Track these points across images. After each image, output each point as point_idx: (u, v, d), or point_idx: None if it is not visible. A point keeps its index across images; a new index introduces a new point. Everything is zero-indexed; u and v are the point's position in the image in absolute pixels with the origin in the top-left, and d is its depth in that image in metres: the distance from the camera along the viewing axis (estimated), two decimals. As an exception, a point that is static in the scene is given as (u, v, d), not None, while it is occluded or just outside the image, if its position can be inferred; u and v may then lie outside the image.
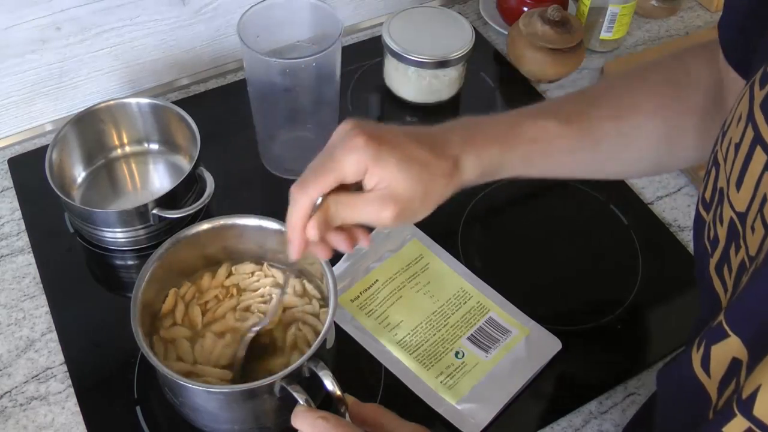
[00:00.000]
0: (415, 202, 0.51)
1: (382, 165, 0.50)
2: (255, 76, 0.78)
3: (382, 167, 0.50)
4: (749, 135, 0.41)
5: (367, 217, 0.52)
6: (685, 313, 0.75)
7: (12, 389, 0.69)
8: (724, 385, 0.39)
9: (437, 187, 0.52)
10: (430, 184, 0.52)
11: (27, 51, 0.84)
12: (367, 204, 0.51)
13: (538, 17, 0.94)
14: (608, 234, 0.82)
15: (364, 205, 0.51)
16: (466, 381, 0.69)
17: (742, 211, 0.41)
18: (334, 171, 0.50)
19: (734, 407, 0.35)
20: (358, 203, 0.51)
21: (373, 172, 0.50)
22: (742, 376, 0.37)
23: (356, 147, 0.50)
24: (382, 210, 0.51)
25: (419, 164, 0.51)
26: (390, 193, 0.51)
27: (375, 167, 0.50)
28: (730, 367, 0.38)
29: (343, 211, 0.51)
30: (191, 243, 0.66)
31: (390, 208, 0.51)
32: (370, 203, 0.51)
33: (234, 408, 0.61)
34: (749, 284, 0.38)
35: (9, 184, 0.85)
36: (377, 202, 0.51)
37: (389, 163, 0.50)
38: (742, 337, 0.38)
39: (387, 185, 0.51)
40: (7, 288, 0.76)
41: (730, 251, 0.42)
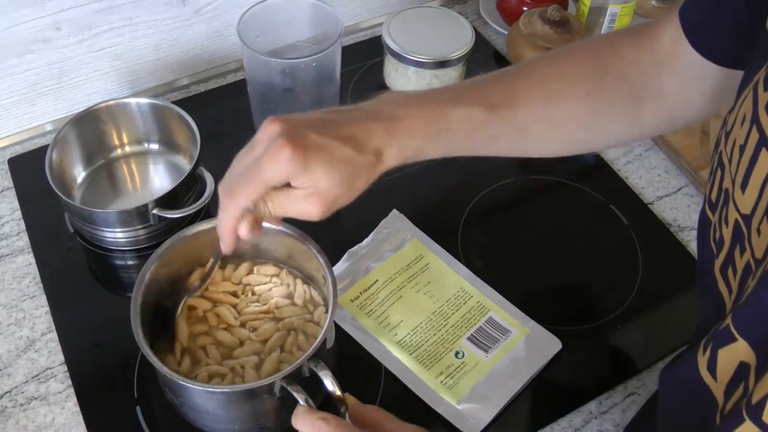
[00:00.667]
0: (342, 196, 0.54)
1: (309, 172, 0.52)
2: (255, 76, 0.78)
3: (309, 174, 0.52)
4: (754, 137, 0.41)
5: (297, 213, 0.54)
6: (685, 313, 0.75)
7: (12, 389, 0.69)
8: (731, 388, 0.39)
9: (361, 179, 0.54)
10: (355, 178, 0.54)
11: (27, 51, 0.84)
12: (296, 202, 0.53)
13: (538, 17, 0.94)
14: (608, 234, 0.82)
15: (291, 203, 0.53)
16: (466, 381, 0.69)
17: (747, 213, 0.41)
18: (261, 181, 0.52)
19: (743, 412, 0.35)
20: (286, 202, 0.53)
21: (300, 178, 0.52)
22: (750, 380, 0.37)
23: (284, 158, 0.51)
24: (310, 207, 0.53)
25: (345, 163, 0.53)
26: (317, 191, 0.53)
27: (302, 176, 0.52)
28: (738, 371, 0.38)
29: (273, 208, 0.54)
30: (191, 243, 0.66)
31: (318, 205, 0.53)
32: (299, 201, 0.53)
33: (234, 408, 0.61)
34: (757, 288, 0.38)
35: (9, 184, 0.85)
36: (306, 200, 0.53)
37: (316, 170, 0.52)
38: (749, 341, 0.37)
39: (314, 185, 0.53)
40: (7, 288, 0.76)
41: (734, 253, 0.42)
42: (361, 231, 0.79)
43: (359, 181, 0.54)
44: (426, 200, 0.85)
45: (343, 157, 0.53)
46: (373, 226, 0.80)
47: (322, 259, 0.63)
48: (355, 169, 0.53)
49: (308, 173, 0.52)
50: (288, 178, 0.52)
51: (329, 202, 0.53)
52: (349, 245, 0.78)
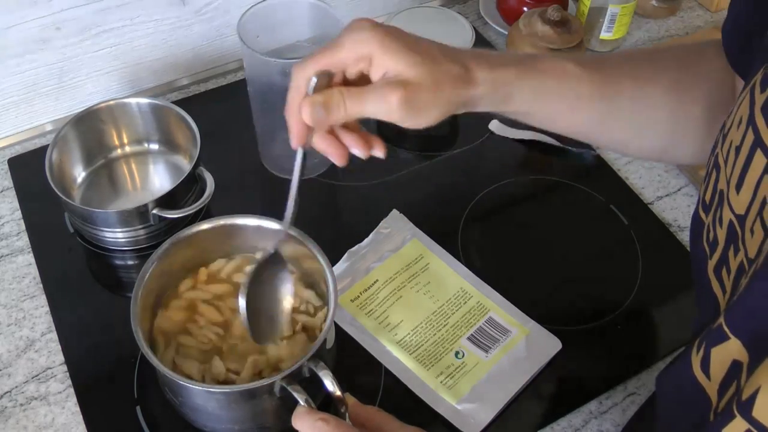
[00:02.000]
0: (423, 90, 0.48)
1: (386, 50, 0.48)
2: (255, 76, 0.78)
3: (386, 52, 0.48)
4: (749, 138, 0.41)
5: (373, 105, 0.49)
6: (685, 313, 0.75)
7: (12, 389, 0.69)
8: (725, 387, 0.39)
9: (447, 84, 0.49)
10: (440, 78, 0.49)
11: (27, 51, 0.84)
12: (373, 90, 0.49)
13: (538, 17, 0.94)
14: (608, 234, 0.82)
15: (369, 92, 0.49)
16: (466, 381, 0.69)
17: (742, 214, 0.41)
18: (335, 49, 0.49)
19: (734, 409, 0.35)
20: (364, 90, 0.49)
21: (377, 59, 0.48)
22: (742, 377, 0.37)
23: (362, 29, 0.48)
24: (388, 93, 0.48)
25: (428, 56, 0.49)
26: (397, 78, 0.48)
27: (379, 52, 0.48)
28: (731, 369, 0.38)
29: (348, 98, 0.49)
30: (191, 243, 0.66)
31: (396, 90, 0.48)
32: (376, 88, 0.49)
33: (234, 408, 0.61)
34: (749, 286, 0.38)
35: (9, 184, 0.85)
36: (383, 86, 0.48)
37: (394, 49, 0.48)
38: (742, 340, 0.38)
39: (395, 74, 0.48)
40: (7, 288, 0.76)
41: (729, 253, 0.42)
42: (361, 231, 0.79)
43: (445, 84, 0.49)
44: (426, 200, 0.85)
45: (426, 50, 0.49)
46: (373, 226, 0.80)
47: (322, 259, 0.63)
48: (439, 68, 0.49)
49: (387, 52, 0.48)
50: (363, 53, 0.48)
51: (410, 90, 0.48)
52: (349, 245, 0.78)
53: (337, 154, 0.52)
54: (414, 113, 0.49)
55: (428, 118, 0.50)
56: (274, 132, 0.84)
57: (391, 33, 0.49)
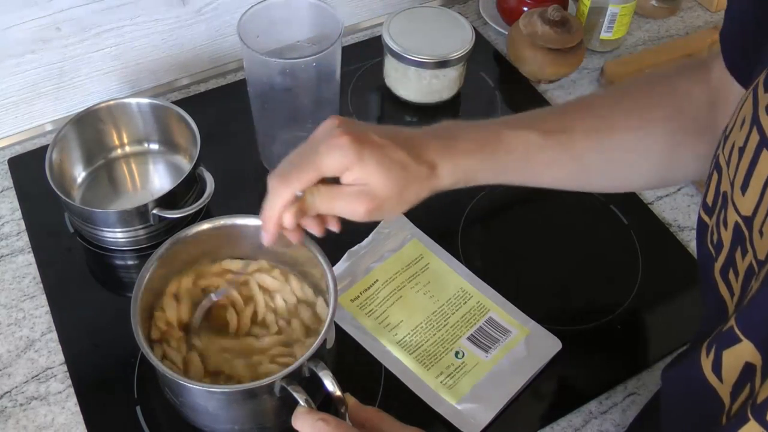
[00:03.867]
0: (390, 201, 0.54)
1: (362, 165, 0.52)
2: (255, 76, 0.78)
3: (362, 167, 0.52)
4: (754, 139, 0.40)
5: (342, 210, 0.54)
6: (685, 313, 0.75)
7: (12, 389, 0.69)
8: (738, 389, 0.39)
9: (413, 189, 0.54)
10: (407, 186, 0.54)
11: (27, 51, 0.84)
12: (344, 198, 0.53)
13: (538, 17, 0.94)
14: (608, 234, 0.82)
15: (340, 199, 0.54)
16: (466, 381, 0.69)
17: (748, 215, 0.41)
18: (316, 167, 0.52)
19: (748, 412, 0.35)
20: (335, 195, 0.54)
21: (353, 171, 0.52)
22: (756, 380, 0.37)
23: (340, 146, 0.52)
24: (357, 205, 0.53)
25: (398, 166, 0.53)
26: (367, 190, 0.53)
27: (356, 167, 0.52)
28: (743, 371, 0.38)
29: (320, 202, 0.54)
30: (191, 243, 0.66)
31: (365, 203, 0.53)
32: (347, 197, 0.53)
33: (234, 408, 0.61)
34: (762, 289, 0.38)
35: (9, 184, 0.85)
36: (353, 197, 0.53)
37: (370, 164, 0.52)
38: (755, 342, 0.37)
39: (365, 183, 0.53)
40: (7, 288, 0.76)
41: (735, 255, 0.42)
42: (361, 231, 0.79)
43: (410, 189, 0.54)
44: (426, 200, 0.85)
45: (397, 159, 0.53)
46: (373, 226, 0.80)
47: (322, 259, 0.63)
48: (407, 175, 0.53)
49: (361, 165, 0.52)
50: (342, 168, 0.52)
51: (377, 202, 0.53)
52: (349, 245, 0.78)
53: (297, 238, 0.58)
54: (377, 218, 0.54)
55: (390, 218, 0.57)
56: (274, 132, 0.84)
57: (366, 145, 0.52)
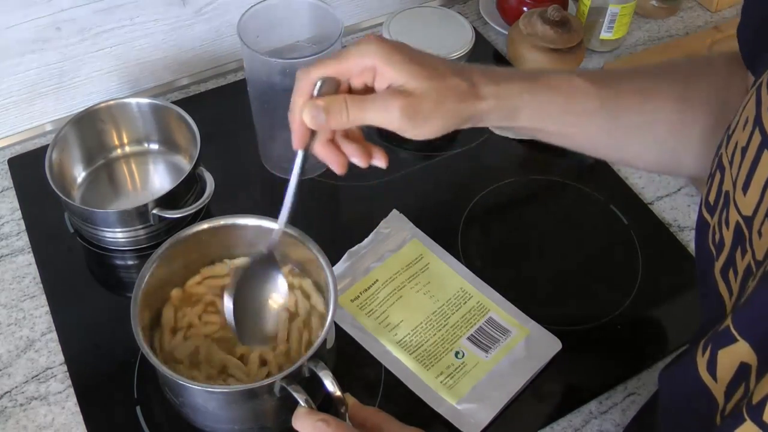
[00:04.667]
0: (426, 101, 0.49)
1: (390, 63, 0.49)
2: (255, 76, 0.78)
3: (390, 65, 0.49)
4: (756, 139, 0.40)
5: (375, 113, 0.49)
6: (685, 313, 0.75)
7: (12, 389, 0.69)
8: (732, 389, 0.39)
9: (451, 98, 0.50)
10: (445, 92, 0.49)
11: (27, 51, 0.84)
12: (376, 99, 0.49)
13: (538, 17, 0.94)
14: (608, 234, 0.82)
15: (372, 100, 0.49)
16: (466, 381, 0.69)
17: (749, 215, 0.41)
18: (341, 58, 0.49)
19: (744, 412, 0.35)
20: (367, 98, 0.50)
21: (382, 72, 0.49)
22: (751, 380, 0.37)
23: (368, 41, 0.49)
24: (390, 101, 0.48)
25: (432, 70, 0.49)
26: (400, 88, 0.49)
27: (383, 65, 0.49)
28: (738, 371, 0.38)
29: (351, 104, 0.49)
30: (191, 243, 0.66)
31: (398, 99, 0.48)
32: (379, 97, 0.49)
33: (234, 408, 0.61)
34: (758, 289, 0.38)
35: (9, 184, 0.85)
36: (386, 95, 0.49)
37: (398, 62, 0.48)
38: (750, 342, 0.37)
39: (398, 86, 0.49)
40: (7, 288, 0.76)
41: (735, 255, 0.42)
42: (361, 231, 0.79)
43: (449, 98, 0.50)
44: (426, 200, 0.85)
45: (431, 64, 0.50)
46: (373, 226, 0.80)
47: (323, 259, 0.63)
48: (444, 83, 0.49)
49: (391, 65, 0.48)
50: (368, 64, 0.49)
51: (413, 100, 0.48)
52: (349, 245, 0.78)
53: (337, 162, 0.53)
54: (415, 123, 0.49)
55: (430, 130, 0.50)
56: (274, 132, 0.84)
57: (397, 47, 0.50)
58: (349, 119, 0.50)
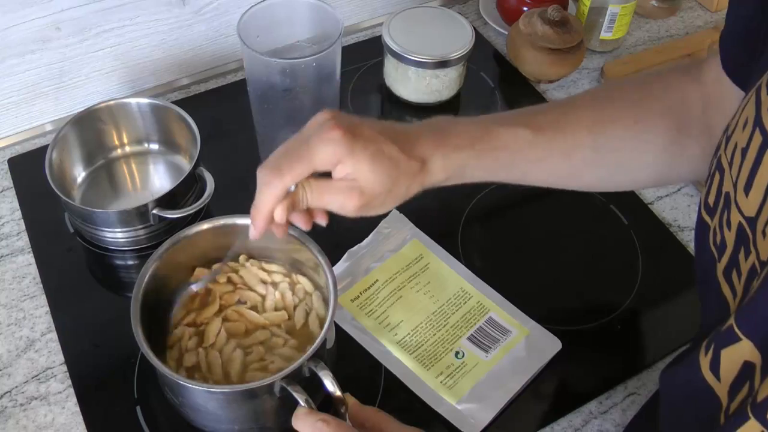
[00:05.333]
0: (381, 196, 0.54)
1: (354, 159, 0.52)
2: (255, 76, 0.78)
3: (354, 161, 0.52)
4: (757, 140, 0.41)
5: (333, 205, 0.54)
6: (685, 313, 0.75)
7: (12, 389, 0.69)
8: (736, 388, 0.39)
9: (403, 185, 0.55)
10: (397, 181, 0.54)
11: (27, 51, 0.84)
12: (336, 192, 0.53)
13: (538, 17, 0.94)
14: (608, 234, 0.82)
15: (332, 194, 0.54)
16: (466, 381, 0.69)
17: (752, 216, 0.41)
18: (308, 160, 0.52)
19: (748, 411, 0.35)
20: (326, 191, 0.54)
21: (345, 165, 0.52)
22: (755, 379, 0.37)
23: (332, 139, 0.52)
24: (348, 200, 0.53)
25: (389, 161, 0.53)
26: (358, 185, 0.53)
27: (348, 160, 0.52)
28: (742, 370, 0.38)
29: (311, 196, 0.54)
30: (191, 243, 0.66)
31: (356, 198, 0.53)
32: (338, 192, 0.53)
33: (234, 408, 0.61)
34: (762, 288, 0.38)
35: (9, 184, 0.85)
36: (345, 192, 0.53)
37: (362, 158, 0.52)
38: (754, 341, 0.37)
39: (356, 177, 0.53)
40: (7, 288, 0.76)
41: (739, 256, 0.42)
42: (361, 231, 0.79)
43: (400, 185, 0.54)
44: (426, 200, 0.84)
45: (389, 154, 0.53)
46: (373, 226, 0.80)
47: (323, 259, 0.63)
48: (398, 170, 0.53)
49: (353, 160, 0.52)
50: (334, 161, 0.52)
51: (368, 197, 0.53)
52: (349, 245, 0.78)
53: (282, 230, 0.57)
54: (367, 213, 0.55)
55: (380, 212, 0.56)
56: (274, 132, 0.84)
57: (359, 141, 0.52)
58: (308, 206, 0.55)
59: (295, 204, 0.54)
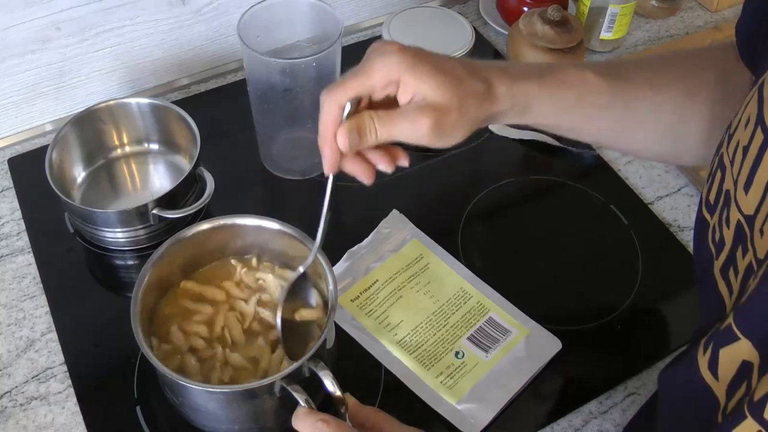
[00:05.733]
0: (451, 113, 0.50)
1: (416, 74, 0.49)
2: (255, 76, 0.78)
3: (416, 77, 0.49)
4: (759, 138, 0.41)
5: (403, 131, 0.51)
6: (685, 313, 0.75)
7: (12, 389, 0.69)
8: (734, 387, 0.39)
9: (471, 104, 0.51)
10: (465, 98, 0.51)
11: (27, 51, 0.84)
12: (403, 115, 0.50)
13: (538, 17, 0.94)
14: (608, 234, 0.82)
15: (399, 117, 0.50)
16: (466, 381, 0.69)
17: (750, 214, 0.41)
18: (365, 75, 0.50)
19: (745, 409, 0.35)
20: (394, 115, 0.50)
21: (406, 83, 0.50)
22: (753, 378, 0.37)
23: (390, 52, 0.50)
24: (418, 119, 0.50)
25: (453, 77, 0.51)
26: (425, 103, 0.50)
27: (408, 76, 0.49)
28: (740, 369, 0.38)
29: (378, 123, 0.50)
30: (191, 243, 0.66)
31: (426, 116, 0.50)
32: (406, 113, 0.50)
33: (234, 408, 0.61)
34: (760, 287, 0.38)
35: (9, 184, 0.85)
36: (413, 112, 0.50)
37: (423, 72, 0.49)
38: (752, 340, 0.37)
39: (422, 97, 0.50)
40: (7, 288, 0.76)
41: (736, 254, 0.42)
42: (361, 231, 0.79)
43: (469, 103, 0.51)
44: (426, 200, 0.85)
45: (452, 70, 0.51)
46: (373, 226, 0.80)
47: (323, 259, 0.63)
48: (464, 89, 0.51)
49: (415, 74, 0.49)
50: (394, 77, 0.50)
51: (438, 114, 0.50)
52: (349, 245, 0.78)
53: (367, 174, 0.54)
54: (442, 136, 0.51)
55: (455, 139, 0.52)
56: (274, 132, 0.84)
57: (419, 56, 0.50)
58: (378, 138, 0.51)
59: (361, 130, 0.50)
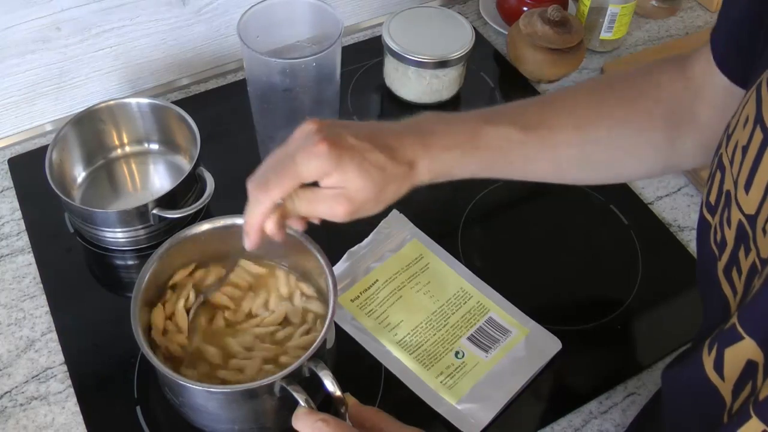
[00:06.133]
0: (369, 203, 0.54)
1: (341, 171, 0.52)
2: (255, 76, 0.78)
3: (341, 173, 0.52)
4: (758, 137, 0.41)
5: (322, 213, 0.55)
6: (685, 312, 0.75)
7: (12, 389, 0.69)
8: (739, 387, 0.39)
9: (391, 189, 0.55)
10: (385, 187, 0.54)
11: (27, 51, 0.84)
12: (324, 201, 0.54)
13: (538, 17, 0.94)
14: (608, 234, 0.82)
15: (320, 202, 0.54)
16: (466, 381, 0.69)
17: (752, 214, 0.41)
18: (295, 175, 0.53)
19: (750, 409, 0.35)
20: (315, 200, 0.54)
21: (332, 177, 0.53)
22: (758, 378, 0.37)
23: (318, 154, 0.52)
24: (337, 207, 0.54)
25: (376, 169, 0.53)
26: (346, 193, 0.53)
27: (335, 173, 0.52)
28: (745, 369, 0.38)
29: (300, 205, 0.54)
30: (191, 243, 0.66)
31: (344, 205, 0.53)
32: (327, 200, 0.54)
33: (234, 408, 0.61)
34: (764, 287, 0.38)
35: (9, 184, 0.85)
36: (333, 200, 0.54)
37: (349, 169, 0.52)
38: (757, 339, 0.38)
39: (344, 186, 0.53)
40: (7, 288, 0.76)
41: (739, 254, 0.42)
42: (361, 231, 0.79)
43: (389, 189, 0.55)
44: (426, 200, 0.85)
45: (376, 162, 0.53)
46: (373, 226, 0.80)
47: (323, 259, 0.63)
48: (386, 176, 0.54)
49: (340, 172, 0.52)
50: (320, 175, 0.52)
51: (356, 204, 0.53)
52: (349, 245, 0.78)
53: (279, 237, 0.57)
54: (356, 217, 0.55)
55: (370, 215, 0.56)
56: (274, 132, 0.84)
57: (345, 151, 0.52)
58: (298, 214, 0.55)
59: (285, 214, 0.55)
